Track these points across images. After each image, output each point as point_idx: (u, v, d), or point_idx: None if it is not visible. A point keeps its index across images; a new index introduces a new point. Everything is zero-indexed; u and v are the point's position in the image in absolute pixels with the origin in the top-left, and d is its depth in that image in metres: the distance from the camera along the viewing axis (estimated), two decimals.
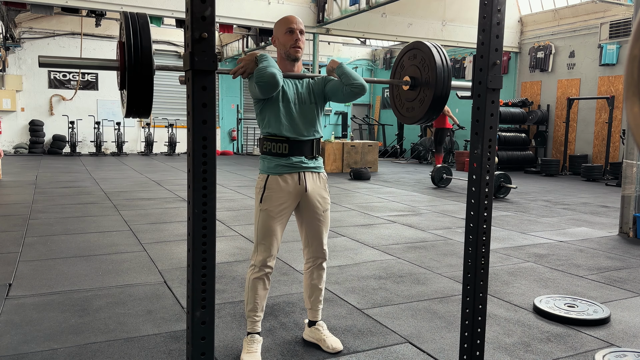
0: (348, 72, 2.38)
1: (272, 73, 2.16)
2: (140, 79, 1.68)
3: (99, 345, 2.54)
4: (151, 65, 1.69)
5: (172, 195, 7.62)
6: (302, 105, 2.39)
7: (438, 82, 2.23)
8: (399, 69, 2.49)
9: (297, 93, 2.40)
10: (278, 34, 2.39)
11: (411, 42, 2.43)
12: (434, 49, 2.28)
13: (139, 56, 1.67)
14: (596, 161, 12.12)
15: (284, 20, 2.40)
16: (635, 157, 5.35)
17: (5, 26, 13.69)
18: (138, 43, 1.68)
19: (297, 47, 2.35)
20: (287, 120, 2.35)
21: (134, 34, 1.68)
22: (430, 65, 2.26)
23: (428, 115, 2.33)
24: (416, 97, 2.36)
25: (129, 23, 1.70)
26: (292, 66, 2.40)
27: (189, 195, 1.60)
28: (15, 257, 4.08)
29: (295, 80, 2.42)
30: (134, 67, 1.67)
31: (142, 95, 1.70)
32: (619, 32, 10.89)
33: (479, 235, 2.03)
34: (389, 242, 4.88)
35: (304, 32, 2.39)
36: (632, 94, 0.62)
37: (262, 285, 2.42)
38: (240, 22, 11.96)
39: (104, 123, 15.98)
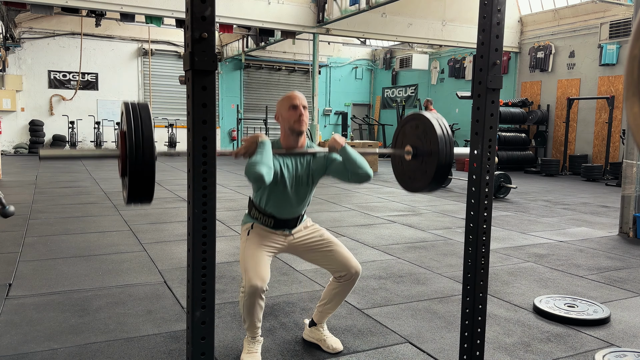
0: (353, 158, 2.35)
1: (259, 173, 2.13)
2: (142, 169, 1.70)
3: (99, 345, 2.54)
4: (152, 154, 1.70)
5: (172, 195, 7.62)
6: (298, 187, 2.40)
7: (440, 153, 2.23)
8: (401, 136, 2.49)
9: (296, 175, 2.39)
10: (281, 111, 2.37)
11: (411, 114, 2.44)
12: (434, 121, 2.29)
13: (140, 146, 1.68)
14: (596, 161, 12.13)
15: (287, 97, 2.39)
16: (635, 157, 5.35)
17: (5, 26, 13.69)
18: (139, 133, 1.69)
19: (301, 121, 2.34)
20: (279, 203, 2.39)
21: (135, 123, 1.70)
22: (432, 137, 2.27)
23: (432, 186, 2.33)
24: (419, 167, 2.37)
25: (129, 112, 1.72)
26: (296, 141, 2.38)
27: (189, 195, 1.60)
28: (15, 257, 4.08)
29: (296, 159, 2.41)
30: (135, 157, 1.68)
31: (143, 183, 1.72)
32: (619, 32, 10.89)
33: (479, 235, 2.03)
34: (389, 242, 4.88)
35: (307, 107, 2.38)
36: (632, 94, 0.62)
37: (257, 307, 2.31)
38: (240, 22, 11.95)
39: (104, 123, 15.98)
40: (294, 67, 18.79)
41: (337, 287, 2.50)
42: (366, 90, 20.28)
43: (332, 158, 2.43)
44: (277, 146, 2.39)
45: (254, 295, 2.24)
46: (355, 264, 2.46)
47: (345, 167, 2.38)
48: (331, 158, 2.43)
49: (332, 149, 2.40)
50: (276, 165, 2.32)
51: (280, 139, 2.41)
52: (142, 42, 16.73)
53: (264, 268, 2.30)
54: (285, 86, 18.96)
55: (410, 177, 2.42)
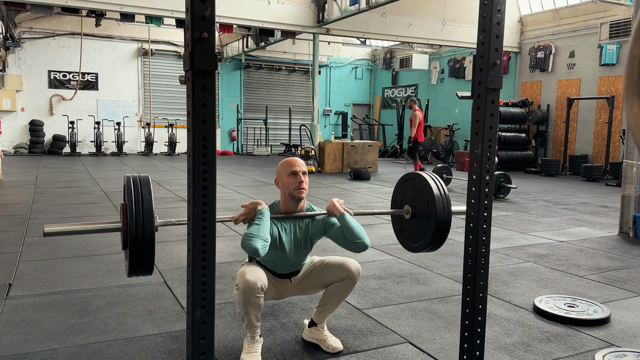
0: (351, 227, 2.37)
1: (254, 248, 2.17)
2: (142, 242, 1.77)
3: (99, 345, 2.54)
4: (152, 228, 1.77)
5: (172, 195, 7.62)
6: (297, 250, 2.44)
7: (438, 214, 2.29)
8: (400, 194, 2.54)
9: (294, 239, 2.42)
10: (281, 176, 2.40)
11: (408, 173, 2.50)
12: (431, 180, 2.34)
13: (141, 220, 1.76)
14: (596, 161, 12.13)
15: (286, 163, 2.41)
16: (635, 157, 5.35)
17: (5, 26, 13.69)
18: (140, 205, 1.77)
19: (301, 189, 2.37)
20: (278, 263, 2.44)
21: (135, 197, 1.78)
22: (430, 198, 2.32)
23: (432, 245, 2.38)
24: (418, 226, 2.42)
25: (131, 186, 1.79)
26: (296, 206, 2.41)
27: (189, 195, 1.60)
28: (15, 257, 4.08)
29: (295, 222, 2.43)
30: (136, 230, 1.76)
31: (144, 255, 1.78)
32: (619, 32, 10.89)
33: (479, 235, 2.03)
34: (389, 242, 4.88)
35: (307, 173, 2.41)
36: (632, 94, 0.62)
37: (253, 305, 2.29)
38: (240, 22, 11.95)
39: (104, 123, 15.98)
40: (294, 67, 18.79)
41: (337, 287, 2.51)
42: (366, 90, 20.28)
43: (330, 222, 2.46)
44: (276, 210, 2.43)
45: (248, 291, 2.24)
46: (354, 264, 2.48)
47: (343, 234, 2.40)
48: (330, 222, 2.46)
49: (330, 214, 2.43)
50: (274, 230, 2.36)
51: (280, 203, 2.44)
52: (142, 42, 16.73)
53: (261, 273, 2.33)
54: (285, 86, 18.96)
55: (410, 238, 2.50)
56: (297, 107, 19.06)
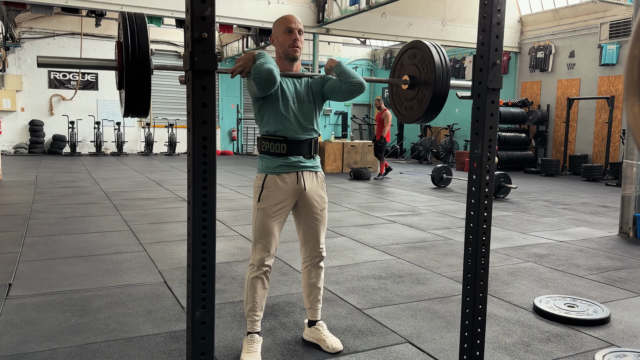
0: (346, 70, 2.38)
1: (269, 69, 2.15)
2: (138, 79, 1.69)
3: (99, 345, 2.54)
4: (149, 65, 1.70)
5: (172, 195, 7.62)
6: (301, 104, 2.39)
7: (437, 82, 2.22)
8: (398, 67, 2.48)
9: (296, 92, 2.39)
10: (277, 33, 2.38)
11: (411, 41, 2.42)
12: (433, 48, 2.26)
13: (136, 56, 1.68)
14: (596, 161, 12.13)
15: (283, 19, 2.39)
16: (635, 157, 5.35)
17: (5, 26, 13.68)
18: (135, 43, 1.69)
19: (296, 47, 2.35)
20: (286, 120, 2.35)
21: (131, 34, 1.69)
22: (430, 65, 2.25)
23: (427, 114, 2.32)
24: (415, 96, 2.36)
25: (126, 23, 1.71)
26: (291, 66, 2.39)
27: (189, 195, 1.60)
28: (15, 257, 4.08)
29: (294, 80, 2.42)
30: (132, 66, 1.68)
31: (139, 94, 1.71)
32: (619, 32, 10.88)
33: (479, 235, 2.03)
34: (389, 242, 4.88)
35: (302, 31, 2.39)
36: (632, 94, 0.62)
37: (261, 284, 2.41)
38: (240, 22, 11.96)
39: (104, 123, 15.98)
40: None
41: (308, 274, 2.57)
42: (366, 90, 20.26)
43: (327, 78, 2.45)
44: None
45: (260, 268, 2.38)
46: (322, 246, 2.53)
47: (340, 81, 2.38)
48: (327, 78, 2.46)
49: (328, 70, 2.44)
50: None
51: (276, 62, 2.38)
52: None
53: (273, 242, 2.39)
54: None
55: (407, 107, 2.44)
56: None
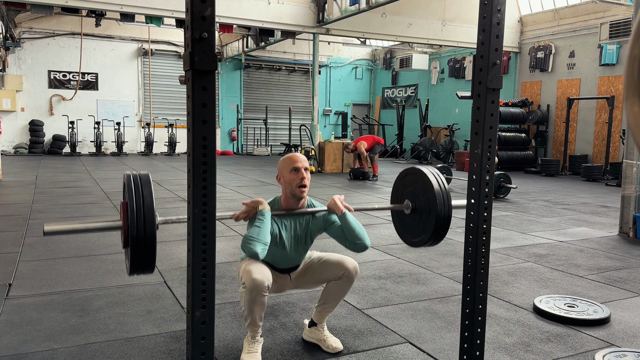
0: (352, 227, 2.36)
1: (254, 252, 2.20)
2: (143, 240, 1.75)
3: (99, 345, 2.54)
4: (153, 225, 1.75)
5: (172, 195, 7.62)
6: (297, 246, 2.44)
7: (439, 209, 2.27)
8: (400, 187, 2.52)
9: (295, 235, 2.42)
10: (283, 172, 2.39)
11: (409, 168, 2.48)
12: (431, 175, 2.32)
13: (141, 217, 1.74)
14: (596, 161, 12.13)
15: (288, 159, 2.40)
16: (635, 157, 5.35)
17: (5, 26, 13.69)
18: (140, 204, 1.75)
19: (303, 187, 2.36)
20: (277, 259, 2.44)
21: (136, 195, 1.76)
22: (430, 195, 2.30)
23: (432, 239, 2.36)
24: (418, 221, 2.41)
25: (131, 184, 1.77)
26: (296, 204, 2.40)
27: (189, 195, 1.60)
28: (15, 257, 4.08)
29: (296, 218, 2.43)
30: (137, 228, 1.73)
31: (145, 253, 1.77)
32: (619, 32, 10.88)
33: (479, 235, 2.03)
34: (389, 242, 4.88)
35: (308, 169, 2.39)
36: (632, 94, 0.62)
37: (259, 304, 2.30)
38: (240, 22, 11.96)
39: (103, 123, 15.98)
40: (294, 67, 18.79)
41: (335, 286, 2.51)
42: (366, 90, 20.28)
43: (331, 220, 2.45)
44: (277, 206, 2.42)
45: (256, 289, 2.24)
46: (351, 262, 2.48)
47: (343, 233, 2.40)
48: (330, 220, 2.45)
49: (331, 212, 2.42)
50: (274, 227, 2.36)
51: (281, 200, 2.44)
52: (142, 42, 16.73)
53: (266, 271, 2.32)
54: (285, 86, 18.96)
55: (410, 233, 2.48)
56: (297, 107, 19.06)
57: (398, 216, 2.56)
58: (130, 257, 1.76)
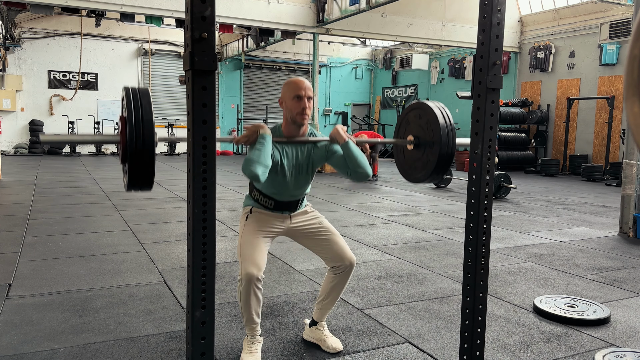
0: (355, 155, 2.33)
1: (255, 174, 2.15)
2: (142, 154, 1.69)
3: (99, 345, 2.54)
4: (153, 139, 1.70)
5: (172, 195, 7.62)
6: (299, 175, 2.39)
7: (442, 144, 2.22)
8: (404, 124, 2.47)
9: (296, 164, 2.38)
10: (285, 97, 2.34)
11: (415, 102, 2.41)
12: (437, 110, 2.27)
13: (140, 131, 1.69)
14: (596, 161, 12.13)
15: (293, 84, 2.34)
16: (635, 157, 5.35)
17: (5, 26, 13.69)
18: (140, 118, 1.69)
19: (304, 115, 2.32)
20: (279, 188, 2.38)
21: (135, 108, 1.70)
22: (435, 128, 2.25)
23: (433, 177, 2.33)
24: (421, 157, 2.36)
25: (130, 98, 1.72)
26: (297, 130, 2.36)
27: (189, 195, 1.60)
28: (15, 257, 4.08)
29: (297, 146, 2.39)
30: (136, 141, 1.68)
31: (144, 169, 1.71)
32: (619, 32, 10.88)
33: (479, 235, 2.03)
34: (389, 242, 4.88)
35: (312, 97, 2.35)
36: (632, 94, 0.62)
37: (254, 298, 2.31)
38: (240, 22, 11.95)
39: (103, 123, 15.98)
40: (294, 67, 18.79)
41: (333, 280, 2.50)
42: (366, 90, 20.28)
43: (333, 150, 2.41)
44: (278, 133, 2.37)
45: (250, 283, 2.24)
46: (349, 255, 2.46)
47: (345, 162, 2.36)
48: (332, 150, 2.41)
49: (333, 141, 2.37)
50: (275, 154, 2.31)
51: (282, 126, 2.39)
52: (142, 42, 16.73)
53: (260, 256, 2.30)
54: None
55: (412, 166, 2.42)
56: None
57: (401, 152, 2.50)
58: (129, 172, 1.71)
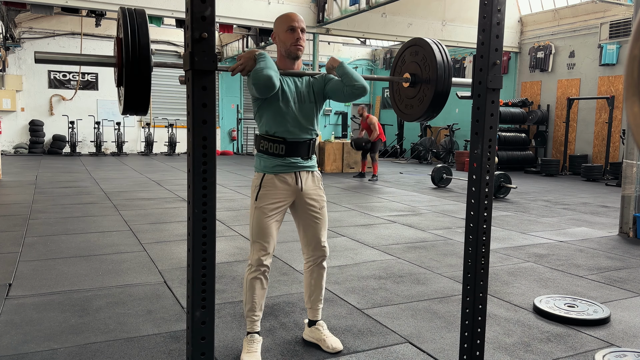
0: (349, 72, 2.34)
1: (268, 75, 2.12)
2: (138, 76, 1.66)
3: (99, 345, 2.54)
4: (149, 62, 1.67)
5: (172, 195, 7.61)
6: (302, 104, 2.36)
7: (439, 80, 2.19)
8: (399, 63, 2.44)
9: (297, 91, 2.37)
10: (278, 31, 2.34)
11: (413, 38, 2.39)
12: (434, 45, 2.24)
13: (136, 53, 1.65)
14: (596, 161, 12.12)
15: (285, 17, 2.35)
16: (635, 157, 5.35)
17: (5, 26, 13.68)
18: (136, 39, 1.66)
19: (299, 46, 2.32)
20: (285, 121, 2.33)
21: (131, 30, 1.66)
22: (431, 63, 2.22)
23: (428, 113, 2.30)
24: (416, 94, 2.33)
25: (126, 19, 1.68)
26: (293, 64, 2.37)
27: (189, 195, 1.60)
28: (15, 257, 4.08)
29: (295, 78, 2.39)
30: (132, 63, 1.65)
31: (139, 92, 1.68)
32: (619, 32, 10.88)
33: (479, 235, 2.03)
34: (389, 242, 4.88)
35: (305, 30, 2.35)
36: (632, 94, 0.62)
37: (259, 284, 2.40)
38: (240, 22, 11.96)
39: (104, 123, 15.98)
40: None
41: (310, 274, 2.56)
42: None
43: (329, 78, 2.43)
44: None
45: (258, 269, 2.36)
46: (324, 245, 2.51)
47: (342, 83, 2.36)
48: (328, 78, 2.43)
49: (329, 69, 2.40)
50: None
51: (277, 62, 2.37)
52: None
53: (271, 241, 2.38)
54: None
55: (408, 105, 2.41)
56: None
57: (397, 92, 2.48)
58: (125, 94, 1.68)
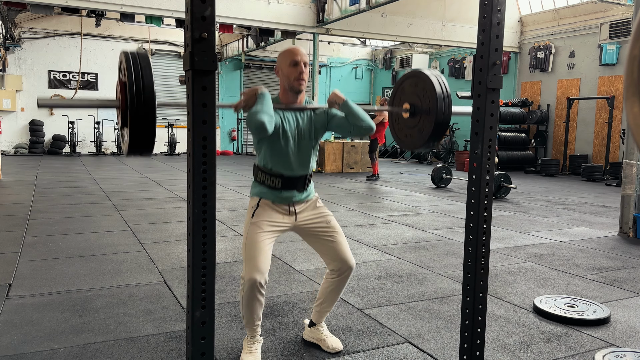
0: (355, 111, 2.34)
1: (260, 121, 2.11)
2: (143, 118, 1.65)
3: (99, 345, 2.54)
4: (154, 104, 1.66)
5: (172, 195, 7.61)
6: (301, 141, 2.36)
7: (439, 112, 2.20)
8: (399, 93, 2.45)
9: (298, 129, 2.36)
10: (282, 66, 2.33)
11: (411, 70, 2.39)
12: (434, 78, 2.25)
13: (141, 96, 1.64)
14: (596, 161, 12.12)
15: (288, 52, 2.34)
16: (635, 157, 5.35)
17: (5, 26, 13.68)
18: (140, 83, 1.64)
19: (301, 80, 2.31)
20: (284, 158, 2.34)
21: (135, 73, 1.65)
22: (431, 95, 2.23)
23: (428, 143, 2.31)
24: (416, 124, 2.34)
25: (129, 62, 1.67)
26: (295, 98, 2.35)
27: (189, 195, 1.60)
28: (15, 257, 4.08)
29: (296, 114, 2.38)
30: (136, 107, 1.63)
31: (145, 134, 1.67)
32: (619, 32, 10.89)
33: (479, 235, 2.03)
34: (389, 242, 4.88)
35: (308, 64, 2.34)
36: (632, 94, 0.62)
37: (256, 302, 2.31)
38: (240, 22, 11.95)
39: (103, 123, 15.97)
40: None
41: (331, 284, 2.49)
42: (366, 90, 20.28)
43: (332, 113, 2.42)
44: (276, 102, 2.36)
45: (252, 288, 2.24)
46: (350, 259, 2.45)
47: (347, 121, 2.36)
48: (332, 113, 2.42)
49: (332, 104, 2.38)
50: (277, 119, 2.29)
51: (279, 95, 2.38)
52: (142, 42, 16.73)
53: (264, 260, 2.27)
54: None
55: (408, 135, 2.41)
56: None
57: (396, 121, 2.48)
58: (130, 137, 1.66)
